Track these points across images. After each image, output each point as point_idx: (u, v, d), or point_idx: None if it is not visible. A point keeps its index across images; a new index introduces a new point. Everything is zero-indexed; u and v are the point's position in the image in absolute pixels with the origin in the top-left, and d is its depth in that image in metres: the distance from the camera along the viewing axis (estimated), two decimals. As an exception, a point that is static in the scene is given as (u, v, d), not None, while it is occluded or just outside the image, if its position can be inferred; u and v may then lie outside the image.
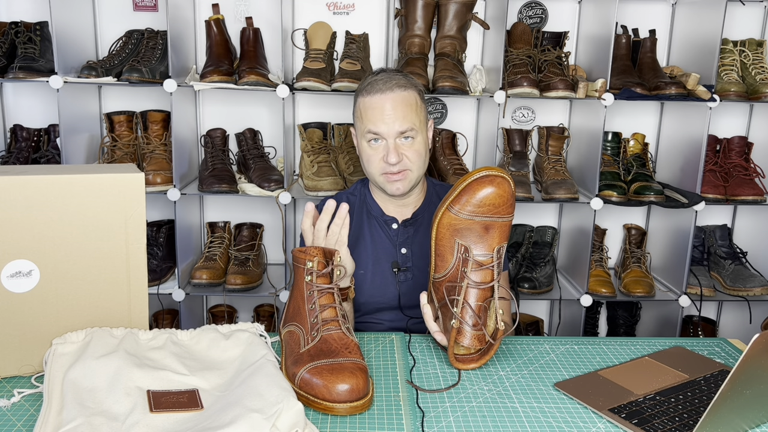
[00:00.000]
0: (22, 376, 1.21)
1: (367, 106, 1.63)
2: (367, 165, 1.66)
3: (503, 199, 1.27)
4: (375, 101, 1.61)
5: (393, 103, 1.60)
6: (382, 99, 1.60)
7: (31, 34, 2.33)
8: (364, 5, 2.53)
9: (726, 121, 2.64)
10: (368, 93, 1.64)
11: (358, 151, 1.72)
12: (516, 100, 2.57)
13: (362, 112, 1.64)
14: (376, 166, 1.63)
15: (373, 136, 1.61)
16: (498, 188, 1.26)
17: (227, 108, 2.56)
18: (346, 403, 1.11)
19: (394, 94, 1.61)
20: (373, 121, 1.60)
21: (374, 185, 1.70)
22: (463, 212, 1.27)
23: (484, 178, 1.26)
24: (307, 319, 1.22)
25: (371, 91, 1.63)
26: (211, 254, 2.44)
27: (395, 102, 1.60)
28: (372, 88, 1.63)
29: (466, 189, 1.27)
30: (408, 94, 1.63)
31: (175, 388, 1.11)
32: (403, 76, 1.67)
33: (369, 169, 1.66)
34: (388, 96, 1.61)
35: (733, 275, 2.49)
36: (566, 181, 2.36)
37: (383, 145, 1.61)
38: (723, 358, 1.40)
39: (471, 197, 1.26)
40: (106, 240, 1.21)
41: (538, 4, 2.56)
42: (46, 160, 2.40)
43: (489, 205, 1.26)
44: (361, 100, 1.65)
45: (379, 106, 1.60)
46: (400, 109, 1.60)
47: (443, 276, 1.31)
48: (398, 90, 1.62)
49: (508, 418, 1.13)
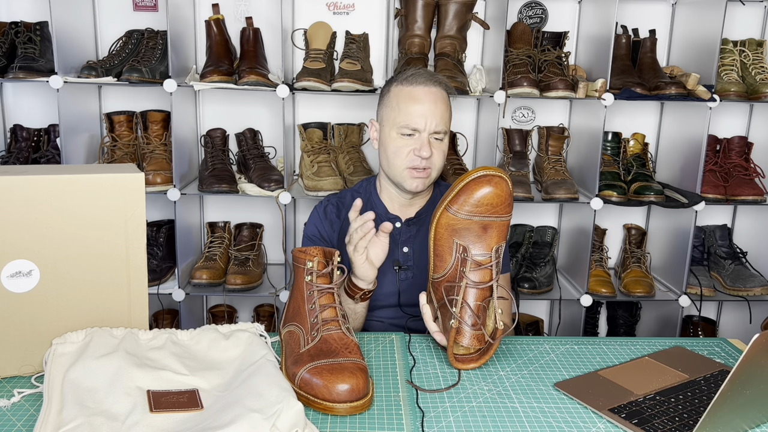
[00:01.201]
0: (22, 376, 1.21)
1: (407, 96, 1.57)
2: (393, 157, 1.60)
3: (501, 198, 1.26)
4: (417, 93, 1.57)
5: (434, 99, 1.57)
6: (425, 93, 1.57)
7: (31, 34, 2.33)
8: (364, 5, 2.53)
9: (726, 121, 2.64)
10: (409, 83, 1.59)
11: (376, 143, 1.67)
12: (516, 100, 2.57)
13: (399, 102, 1.58)
14: (404, 158, 1.58)
15: (409, 130, 1.57)
16: (496, 188, 1.26)
17: (227, 108, 2.56)
18: (346, 403, 1.11)
19: (436, 90, 1.58)
20: (413, 114, 1.56)
21: (388, 180, 1.66)
22: (461, 212, 1.27)
23: (482, 177, 1.26)
24: (307, 319, 1.22)
25: (413, 82, 1.58)
26: (211, 254, 2.44)
27: (437, 98, 1.57)
28: (414, 80, 1.58)
29: (463, 189, 1.27)
30: (445, 94, 1.61)
31: (175, 388, 1.11)
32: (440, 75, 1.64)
33: (395, 161, 1.60)
34: (431, 90, 1.57)
35: (733, 275, 2.49)
36: (566, 181, 2.36)
37: (416, 139, 1.57)
38: (723, 358, 1.40)
39: (469, 197, 1.26)
40: (106, 240, 1.21)
41: (538, 4, 2.56)
42: (46, 160, 2.40)
43: (487, 205, 1.26)
44: (398, 89, 1.60)
45: (420, 99, 1.56)
46: (440, 108, 1.57)
47: (442, 276, 1.31)
48: (440, 87, 1.59)
49: (508, 418, 1.13)
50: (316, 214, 1.74)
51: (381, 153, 1.66)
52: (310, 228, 1.74)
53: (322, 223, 1.72)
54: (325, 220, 1.72)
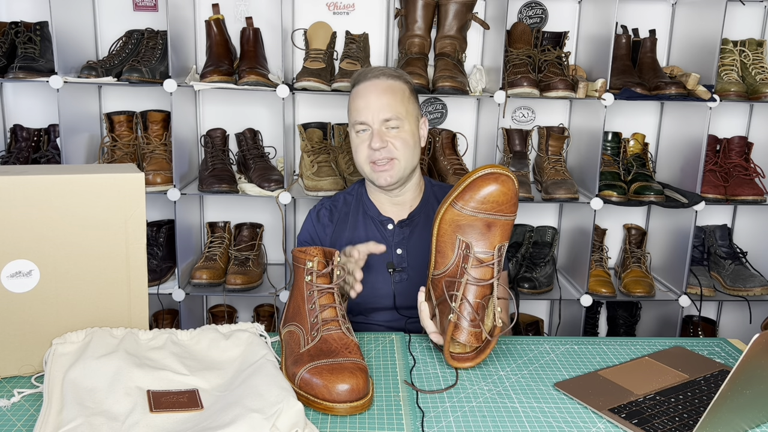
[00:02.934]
0: (22, 376, 1.21)
1: (354, 95, 1.64)
2: (355, 155, 1.66)
3: (507, 197, 1.27)
4: (361, 89, 1.63)
5: (378, 90, 1.61)
6: (368, 86, 1.62)
7: (31, 34, 2.33)
8: (364, 5, 2.53)
9: (726, 121, 2.64)
10: (357, 83, 1.66)
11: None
12: (516, 100, 2.57)
13: (351, 103, 1.66)
14: (363, 154, 1.63)
15: (361, 126, 1.62)
16: (502, 186, 1.26)
17: (227, 108, 2.56)
18: (346, 403, 1.11)
19: (380, 81, 1.62)
20: (359, 109, 1.62)
21: (367, 180, 1.70)
22: (466, 208, 1.28)
23: (489, 175, 1.27)
24: (307, 319, 1.23)
25: (359, 80, 1.65)
26: (211, 254, 2.44)
27: (380, 89, 1.61)
28: (359, 78, 1.65)
29: (470, 185, 1.28)
30: (395, 83, 1.63)
31: (175, 388, 1.11)
32: (395, 69, 1.68)
33: (357, 160, 1.66)
34: (374, 83, 1.62)
35: (733, 275, 2.49)
36: (566, 181, 2.36)
37: (369, 133, 1.62)
38: (723, 358, 1.40)
39: (475, 194, 1.27)
40: (106, 240, 1.21)
41: (538, 4, 2.56)
42: (46, 160, 2.40)
43: (492, 203, 1.26)
44: (352, 91, 1.67)
45: (365, 93, 1.62)
46: (385, 97, 1.60)
47: (442, 272, 1.32)
48: (384, 78, 1.63)
49: (508, 418, 1.13)
50: (309, 219, 1.77)
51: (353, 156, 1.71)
52: (303, 235, 1.77)
53: (314, 227, 1.75)
54: (318, 224, 1.75)
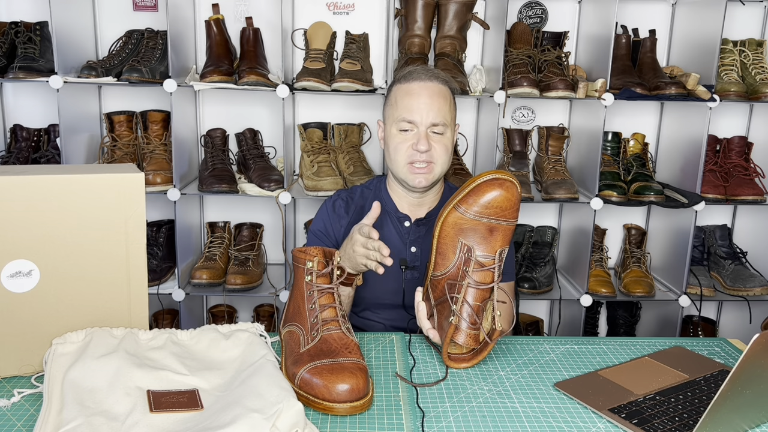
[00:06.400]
0: (22, 376, 1.21)
1: (405, 92, 1.61)
2: (394, 153, 1.63)
3: (510, 203, 1.29)
4: (413, 88, 1.60)
5: (430, 93, 1.59)
6: (421, 87, 1.60)
7: (31, 34, 2.33)
8: (364, 5, 2.53)
9: (726, 121, 2.64)
10: (406, 80, 1.63)
11: (383, 143, 1.70)
12: (516, 100, 2.57)
13: (397, 99, 1.62)
14: (404, 154, 1.60)
15: (408, 125, 1.60)
16: (506, 192, 1.28)
17: (227, 108, 2.56)
18: (346, 403, 1.11)
19: (433, 84, 1.61)
20: (409, 108, 1.59)
21: (395, 178, 1.68)
22: (469, 212, 1.29)
23: (494, 180, 1.29)
24: (307, 319, 1.23)
25: (410, 79, 1.62)
26: (211, 254, 2.44)
27: (433, 92, 1.60)
28: (411, 77, 1.62)
29: (474, 190, 1.29)
30: (445, 89, 1.63)
31: (175, 388, 1.11)
32: (445, 74, 1.68)
33: (395, 157, 1.63)
34: (427, 85, 1.60)
35: (733, 275, 2.49)
36: (566, 181, 2.36)
37: (414, 134, 1.60)
38: (723, 358, 1.40)
39: (479, 198, 1.29)
40: (106, 240, 1.21)
41: (538, 4, 2.56)
42: (46, 160, 2.40)
43: (496, 208, 1.28)
44: (398, 87, 1.64)
45: (418, 93, 1.59)
46: (437, 101, 1.59)
47: (442, 274, 1.33)
48: (437, 82, 1.62)
49: (508, 418, 1.13)
50: (324, 209, 1.76)
51: (386, 151, 1.69)
52: (317, 223, 1.75)
53: (329, 217, 1.73)
54: (333, 215, 1.73)
